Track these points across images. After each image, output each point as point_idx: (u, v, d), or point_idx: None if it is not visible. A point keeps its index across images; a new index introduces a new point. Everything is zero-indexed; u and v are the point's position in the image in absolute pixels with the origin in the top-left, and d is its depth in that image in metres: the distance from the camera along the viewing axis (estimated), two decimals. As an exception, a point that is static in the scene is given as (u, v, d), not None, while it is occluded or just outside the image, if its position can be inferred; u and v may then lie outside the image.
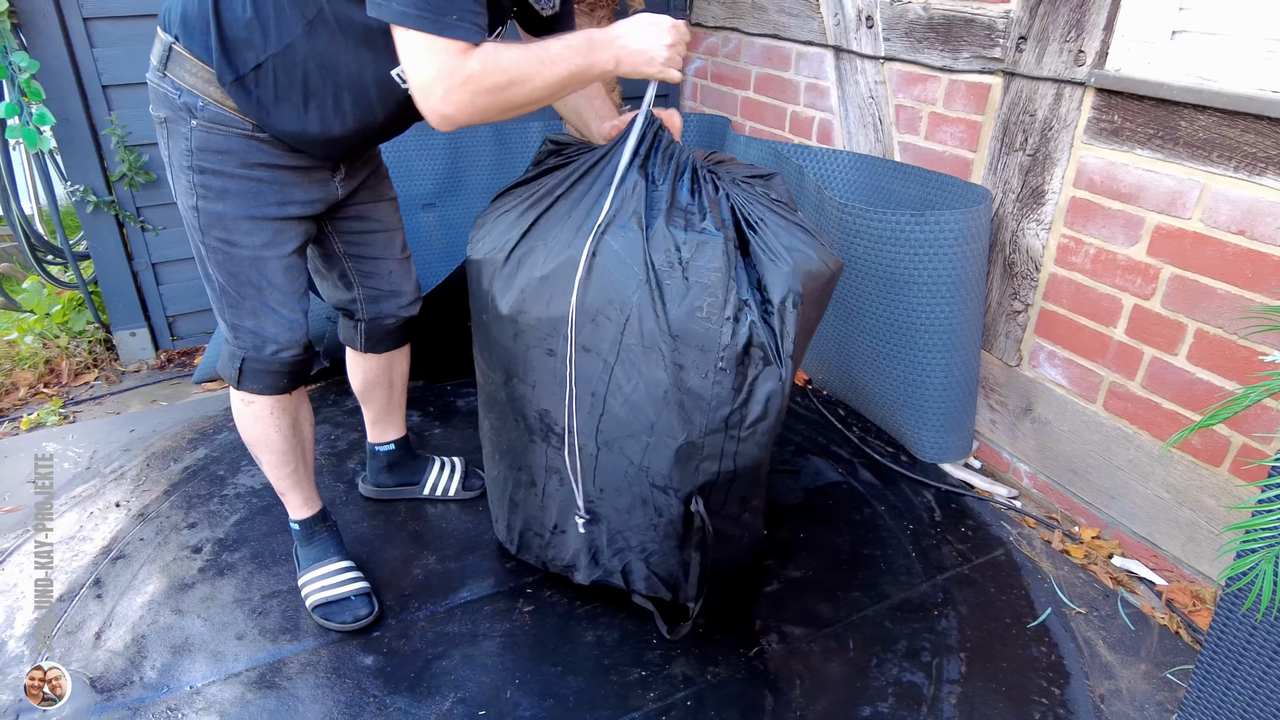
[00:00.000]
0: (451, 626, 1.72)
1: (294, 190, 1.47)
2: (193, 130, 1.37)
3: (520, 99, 1.26)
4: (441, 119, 1.24)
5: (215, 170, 1.40)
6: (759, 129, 2.98)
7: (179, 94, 1.36)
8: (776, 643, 1.69)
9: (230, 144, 1.39)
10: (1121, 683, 1.63)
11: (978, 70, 2.09)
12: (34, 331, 2.77)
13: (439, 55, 1.18)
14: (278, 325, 1.53)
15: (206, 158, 1.39)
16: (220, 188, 1.41)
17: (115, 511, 2.04)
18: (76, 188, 2.53)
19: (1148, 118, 1.73)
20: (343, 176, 1.57)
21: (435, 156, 2.87)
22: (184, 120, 1.37)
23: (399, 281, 1.81)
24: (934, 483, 2.21)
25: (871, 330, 2.24)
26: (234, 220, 1.43)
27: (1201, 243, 1.68)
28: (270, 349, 1.54)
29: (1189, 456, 1.78)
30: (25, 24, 2.34)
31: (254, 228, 1.45)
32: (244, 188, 1.42)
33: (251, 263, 1.47)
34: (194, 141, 1.38)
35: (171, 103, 1.37)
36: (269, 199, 1.45)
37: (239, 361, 1.55)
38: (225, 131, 1.38)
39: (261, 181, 1.43)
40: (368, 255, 1.75)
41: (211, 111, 1.36)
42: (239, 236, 1.45)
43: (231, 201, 1.42)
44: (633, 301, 1.35)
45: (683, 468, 1.42)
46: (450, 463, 2.13)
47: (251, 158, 1.41)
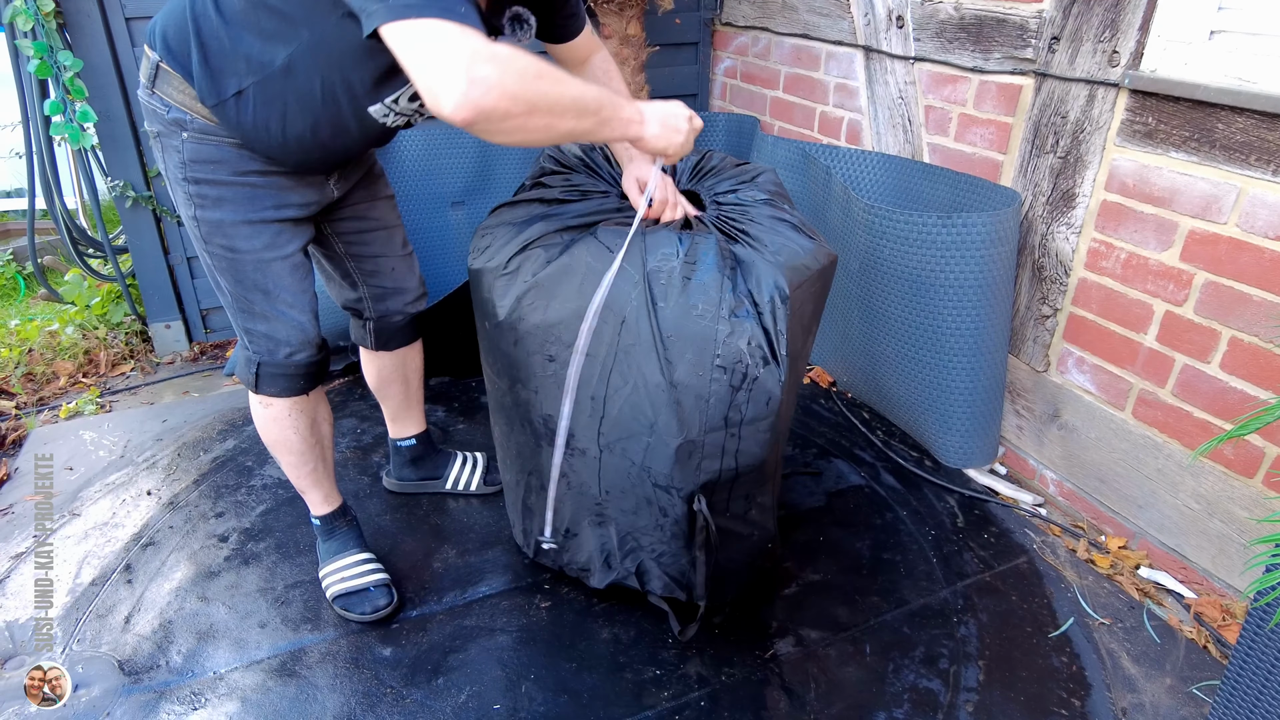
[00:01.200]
0: (469, 620, 1.73)
1: (289, 194, 1.49)
2: (184, 142, 1.39)
3: (548, 99, 1.11)
4: (467, 104, 1.03)
5: (209, 180, 1.41)
6: (787, 129, 2.96)
7: (168, 110, 1.37)
8: (793, 645, 1.68)
9: (222, 153, 1.40)
10: (1144, 696, 1.59)
11: (1009, 71, 2.05)
12: (74, 323, 2.85)
13: (456, 39, 1.03)
14: (288, 328, 1.54)
15: (200, 168, 1.40)
16: (216, 196, 1.43)
17: (146, 499, 2.09)
18: (117, 183, 2.59)
19: (1183, 120, 1.69)
20: (337, 179, 1.58)
21: (464, 154, 2.90)
22: (175, 134, 1.39)
23: (402, 278, 1.83)
24: (957, 488, 2.18)
25: (897, 333, 2.21)
26: (233, 226, 1.45)
27: (1237, 248, 1.64)
28: (284, 352, 1.56)
29: (1220, 467, 1.74)
30: (70, 24, 2.41)
31: (253, 231, 1.46)
32: (239, 194, 1.43)
33: (255, 266, 1.49)
34: (186, 153, 1.40)
35: (161, 118, 1.39)
36: (265, 203, 1.46)
37: (255, 366, 1.57)
38: (216, 141, 1.39)
39: (255, 187, 1.44)
40: (368, 254, 1.76)
41: (200, 124, 1.38)
42: (239, 242, 1.46)
43: (228, 208, 1.44)
44: (628, 304, 1.36)
45: (683, 467, 1.42)
46: (472, 458, 2.15)
47: (243, 165, 1.42)
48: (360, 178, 1.69)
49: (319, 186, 1.55)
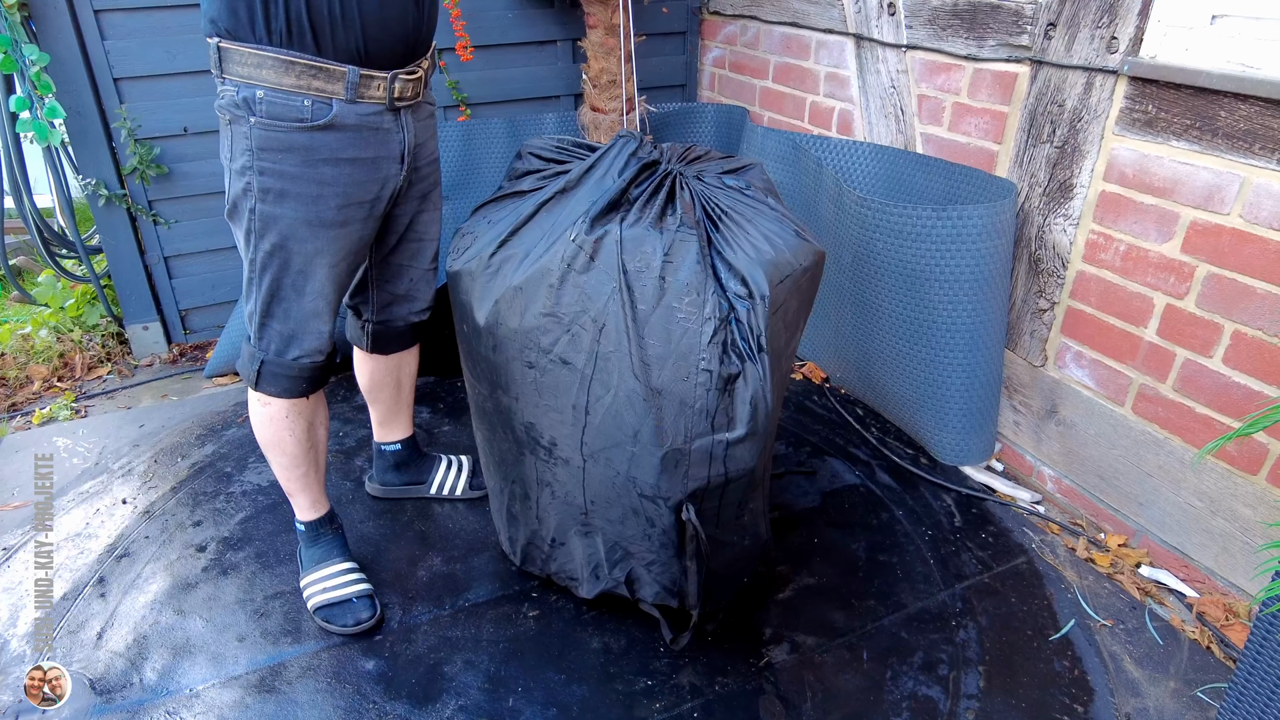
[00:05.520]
0: (455, 630, 1.68)
1: (355, 189, 1.45)
2: (253, 128, 1.37)
3: None
4: None
5: (276, 170, 1.39)
6: (777, 119, 2.91)
7: (237, 90, 1.36)
8: (788, 653, 1.64)
9: (292, 139, 1.38)
10: (1149, 701, 1.55)
11: (1004, 59, 2.00)
12: (48, 325, 2.77)
13: None
14: (307, 332, 1.51)
15: (269, 157, 1.38)
16: (280, 190, 1.40)
17: (122, 508, 2.03)
18: (89, 181, 2.52)
19: (1184, 107, 1.64)
20: (407, 144, 1.52)
21: (448, 149, 2.83)
22: (244, 119, 1.37)
23: (417, 289, 1.78)
24: (954, 486, 2.14)
25: (891, 328, 2.17)
26: (291, 225, 1.42)
27: (1241, 240, 1.60)
28: (293, 353, 1.52)
29: (1223, 464, 1.70)
30: (36, 16, 2.33)
31: (311, 234, 1.44)
32: (305, 190, 1.41)
33: (300, 268, 1.46)
34: (255, 140, 1.38)
35: (233, 101, 1.37)
36: (330, 202, 1.43)
37: (258, 363, 1.53)
38: (286, 128, 1.37)
39: (323, 183, 1.41)
40: (393, 262, 1.72)
41: (270, 103, 1.35)
42: (294, 243, 1.44)
43: (290, 204, 1.41)
44: (607, 309, 1.31)
45: (670, 475, 1.37)
46: (458, 461, 2.10)
47: (315, 153, 1.39)
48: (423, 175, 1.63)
49: (390, 171, 1.50)
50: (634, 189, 1.40)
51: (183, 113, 2.54)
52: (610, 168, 1.42)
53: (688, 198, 1.41)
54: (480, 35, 2.81)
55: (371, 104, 1.43)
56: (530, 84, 3.01)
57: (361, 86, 1.40)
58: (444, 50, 2.81)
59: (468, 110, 2.93)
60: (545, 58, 3.00)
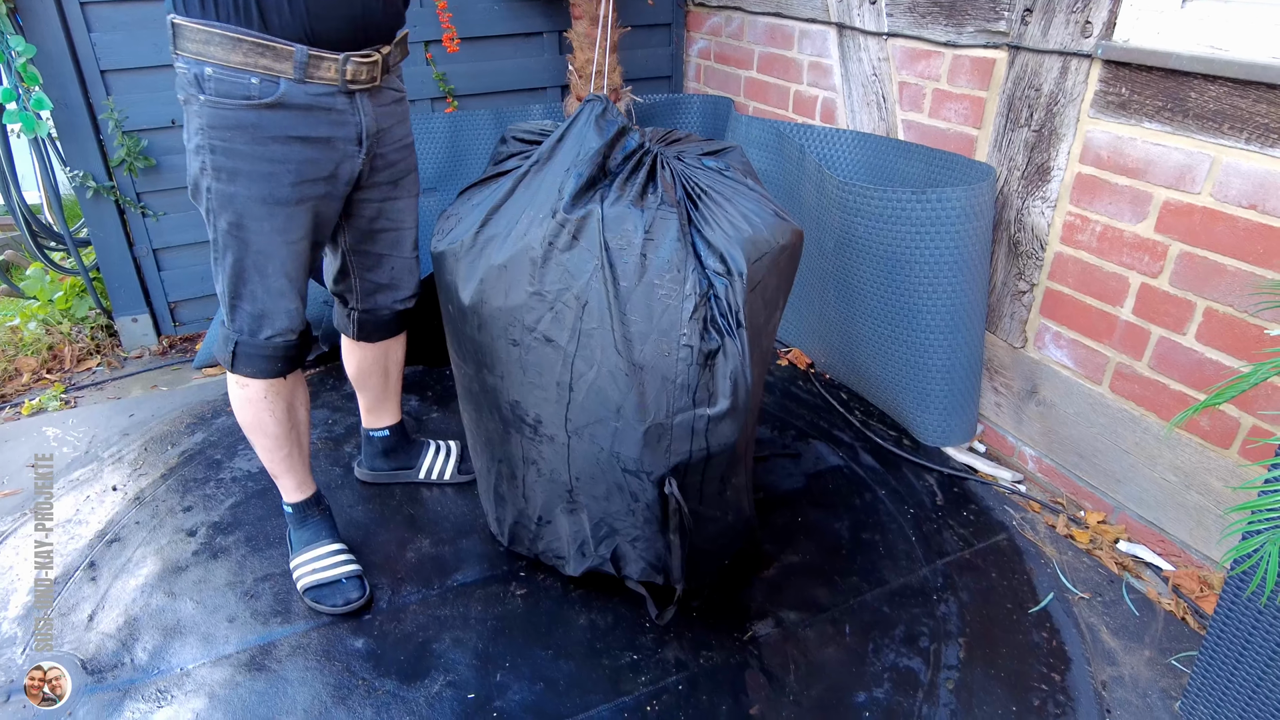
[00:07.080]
0: (444, 610, 1.70)
1: (308, 168, 1.45)
2: (202, 106, 1.37)
3: None
4: None
5: (227, 148, 1.39)
6: (762, 109, 2.93)
7: (188, 67, 1.37)
8: (772, 628, 1.67)
9: (240, 117, 1.38)
10: (1124, 669, 1.59)
11: (982, 45, 2.03)
12: (37, 318, 2.78)
13: None
14: (275, 311, 1.52)
15: (219, 135, 1.39)
16: (232, 169, 1.40)
17: (112, 495, 2.04)
18: (76, 173, 2.52)
19: (1156, 89, 1.68)
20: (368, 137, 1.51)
21: (435, 140, 2.85)
22: (195, 97, 1.38)
23: (399, 277, 1.79)
24: (936, 467, 2.17)
25: (873, 311, 2.20)
26: (245, 203, 1.43)
27: (1211, 218, 1.63)
28: (265, 333, 1.53)
29: (1197, 439, 1.73)
30: (22, 8, 2.33)
31: (267, 212, 1.44)
32: (256, 168, 1.41)
33: (260, 247, 1.47)
34: (205, 118, 1.38)
35: (185, 78, 1.38)
36: (283, 180, 1.43)
37: (233, 345, 1.54)
38: (234, 105, 1.37)
39: (274, 161, 1.42)
40: (372, 252, 1.73)
41: (218, 80, 1.35)
42: (250, 221, 1.44)
43: (243, 183, 1.41)
44: (590, 286, 1.33)
45: (653, 450, 1.39)
46: (446, 446, 2.12)
47: (263, 130, 1.39)
48: (390, 160, 1.62)
49: (347, 154, 1.50)
50: (612, 163, 1.41)
51: (170, 105, 2.55)
52: (582, 132, 1.43)
53: (668, 177, 1.43)
54: (466, 27, 2.83)
55: (322, 84, 1.42)
56: (517, 76, 3.03)
57: (311, 66, 1.39)
58: (430, 42, 2.83)
59: (455, 102, 2.95)
60: (531, 49, 3.02)
